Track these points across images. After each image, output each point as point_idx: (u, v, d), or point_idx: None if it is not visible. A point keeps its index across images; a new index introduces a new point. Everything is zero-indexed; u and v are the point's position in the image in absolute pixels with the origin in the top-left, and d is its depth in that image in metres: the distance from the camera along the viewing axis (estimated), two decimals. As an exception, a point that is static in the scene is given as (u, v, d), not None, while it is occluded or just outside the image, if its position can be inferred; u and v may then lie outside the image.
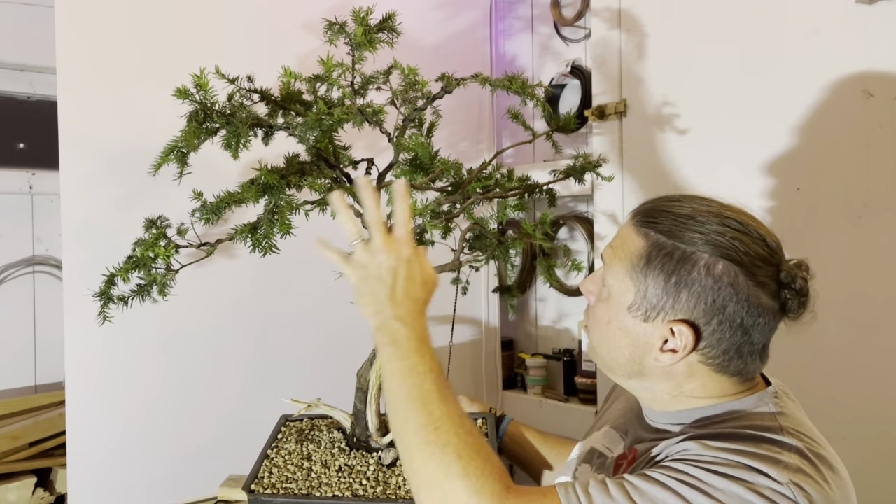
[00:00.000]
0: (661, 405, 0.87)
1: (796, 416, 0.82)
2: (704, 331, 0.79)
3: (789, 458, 0.72)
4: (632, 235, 0.84)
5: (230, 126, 1.01)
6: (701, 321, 0.79)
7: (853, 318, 1.31)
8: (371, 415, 1.19)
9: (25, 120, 2.26)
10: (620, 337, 0.84)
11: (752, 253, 0.78)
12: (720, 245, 0.78)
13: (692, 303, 0.78)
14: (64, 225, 1.45)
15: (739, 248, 0.77)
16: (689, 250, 0.78)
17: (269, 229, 1.02)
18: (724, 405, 0.83)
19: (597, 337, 0.88)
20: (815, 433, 0.80)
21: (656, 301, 0.80)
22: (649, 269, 0.80)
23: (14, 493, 1.98)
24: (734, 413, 0.81)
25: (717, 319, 0.78)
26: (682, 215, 0.81)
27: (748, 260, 0.78)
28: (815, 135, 1.35)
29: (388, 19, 1.10)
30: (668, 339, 0.80)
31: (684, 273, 0.78)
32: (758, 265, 0.78)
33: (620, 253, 0.84)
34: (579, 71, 2.05)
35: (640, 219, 0.84)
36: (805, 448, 0.74)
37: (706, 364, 0.81)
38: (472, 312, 2.16)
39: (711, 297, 0.77)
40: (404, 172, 1.32)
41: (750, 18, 1.46)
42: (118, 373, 1.50)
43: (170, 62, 1.53)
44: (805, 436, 0.77)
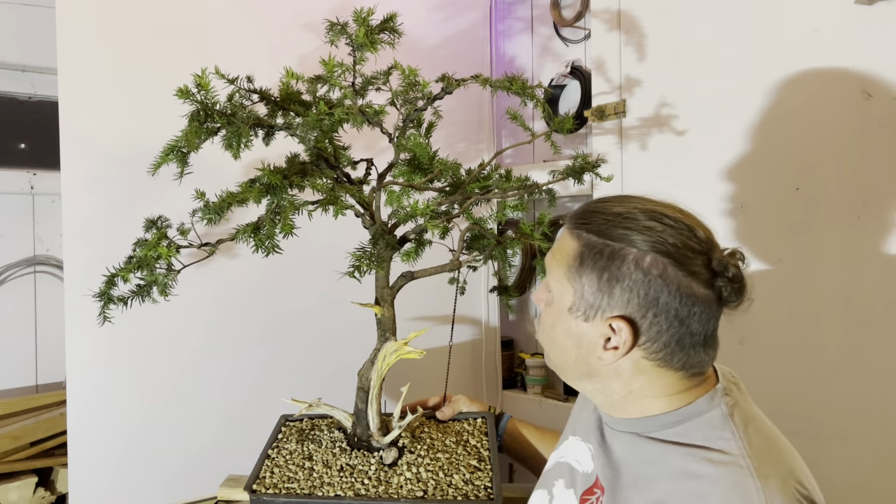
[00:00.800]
0: (617, 410, 0.88)
1: (747, 412, 0.83)
2: (641, 325, 0.80)
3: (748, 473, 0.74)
4: (566, 238, 0.86)
5: (231, 126, 1.01)
6: (637, 315, 0.80)
7: (853, 317, 1.31)
8: (372, 414, 1.20)
9: (26, 120, 2.27)
10: (565, 339, 0.86)
11: (680, 244, 0.79)
12: (648, 239, 0.79)
13: (625, 297, 0.79)
14: (65, 225, 1.45)
15: (667, 241, 0.79)
16: (618, 246, 0.80)
17: (272, 229, 1.02)
18: (677, 413, 0.83)
19: (546, 342, 0.91)
20: (766, 428, 0.82)
21: (593, 299, 0.82)
22: (583, 269, 0.82)
23: (15, 492, 1.98)
24: (685, 418, 0.82)
25: (652, 312, 0.79)
26: (611, 213, 0.83)
27: (676, 251, 0.78)
28: (815, 135, 1.36)
29: (390, 20, 1.11)
30: (610, 336, 0.82)
31: (615, 269, 0.80)
32: (687, 255, 0.79)
33: (558, 256, 0.86)
34: (579, 71, 2.05)
35: (573, 222, 0.86)
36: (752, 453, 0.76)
37: (649, 360, 0.82)
38: (471, 312, 2.16)
39: (643, 291, 0.79)
40: (403, 173, 1.32)
41: (749, 19, 1.46)
42: (119, 373, 1.51)
43: (171, 62, 1.53)
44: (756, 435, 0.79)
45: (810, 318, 1.37)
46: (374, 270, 1.17)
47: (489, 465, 1.15)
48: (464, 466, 1.14)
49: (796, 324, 1.39)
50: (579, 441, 0.97)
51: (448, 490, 1.09)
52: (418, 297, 1.58)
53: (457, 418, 1.31)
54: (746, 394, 0.88)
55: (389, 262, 1.20)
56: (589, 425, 0.95)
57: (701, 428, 0.81)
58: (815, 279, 1.37)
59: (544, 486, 0.99)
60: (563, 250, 0.86)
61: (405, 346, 1.17)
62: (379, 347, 1.20)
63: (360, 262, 1.05)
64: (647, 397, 0.84)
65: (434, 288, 1.50)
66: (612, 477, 0.85)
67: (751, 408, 0.85)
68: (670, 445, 0.81)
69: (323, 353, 1.77)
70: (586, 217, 0.85)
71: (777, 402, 1.43)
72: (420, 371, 1.43)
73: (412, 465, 1.14)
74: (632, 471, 0.83)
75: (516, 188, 1.24)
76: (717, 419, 0.81)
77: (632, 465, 0.84)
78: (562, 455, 0.99)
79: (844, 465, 1.30)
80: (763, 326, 1.44)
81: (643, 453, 0.83)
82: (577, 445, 0.97)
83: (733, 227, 1.49)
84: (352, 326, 1.67)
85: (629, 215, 0.82)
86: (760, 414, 0.85)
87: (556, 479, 0.97)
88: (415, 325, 1.46)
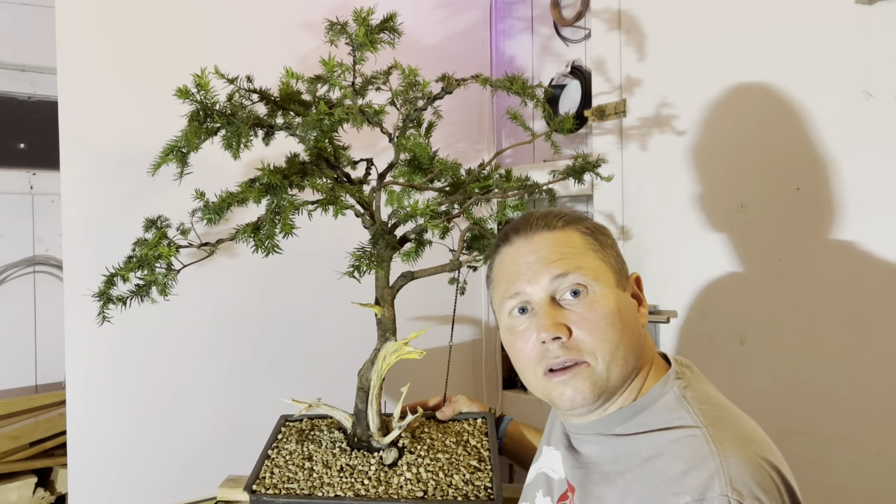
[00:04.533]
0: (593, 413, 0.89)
1: (702, 391, 0.86)
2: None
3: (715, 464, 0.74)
4: (563, 237, 0.89)
5: (231, 126, 1.01)
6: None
7: (853, 317, 1.31)
8: (372, 414, 1.19)
9: (26, 120, 2.27)
10: (628, 313, 0.87)
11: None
12: (582, 217, 0.94)
13: (622, 257, 0.92)
14: (64, 225, 1.45)
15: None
16: (590, 223, 0.93)
17: (272, 229, 1.02)
18: (633, 405, 0.86)
19: (615, 334, 0.83)
20: (721, 404, 0.85)
21: (619, 266, 0.90)
22: (602, 245, 0.90)
23: (15, 492, 1.98)
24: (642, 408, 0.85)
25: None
26: (556, 211, 0.93)
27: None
28: (815, 135, 1.36)
29: (390, 20, 1.10)
30: (636, 293, 0.90)
31: (607, 237, 0.92)
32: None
33: (577, 250, 0.88)
34: (579, 71, 2.05)
35: (545, 225, 0.90)
36: (706, 423, 0.78)
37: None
38: (472, 312, 2.16)
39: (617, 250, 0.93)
40: (403, 173, 1.32)
41: (749, 18, 1.46)
42: (118, 373, 1.51)
43: (170, 62, 1.53)
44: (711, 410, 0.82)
45: (810, 318, 1.37)
46: (374, 270, 1.16)
47: (489, 466, 1.15)
48: (464, 467, 1.14)
49: (796, 324, 1.39)
50: (552, 450, 0.98)
51: (448, 490, 1.08)
52: (418, 297, 1.58)
53: (457, 418, 1.31)
54: (700, 375, 0.91)
55: (389, 262, 1.20)
56: (559, 434, 0.96)
57: (658, 413, 0.83)
58: (815, 279, 1.36)
59: (527, 498, 0.99)
60: (575, 243, 0.88)
61: (405, 347, 1.17)
62: (379, 347, 1.20)
63: (359, 262, 1.05)
64: (640, 378, 0.88)
65: (434, 288, 1.49)
66: (582, 476, 0.86)
67: (705, 387, 0.88)
68: (634, 437, 0.83)
69: (323, 353, 1.77)
70: (549, 217, 0.91)
71: (778, 403, 1.43)
72: (420, 371, 1.43)
73: (412, 466, 1.14)
74: (601, 468, 0.84)
75: (516, 188, 1.24)
76: (672, 401, 0.83)
77: (600, 464, 0.85)
78: (540, 467, 1.00)
79: (845, 465, 1.30)
80: (763, 327, 1.44)
81: (610, 451, 0.85)
82: (551, 455, 0.98)
83: (733, 227, 1.49)
84: (352, 326, 1.66)
85: (557, 210, 0.94)
86: (716, 392, 0.88)
87: (536, 490, 0.97)
88: (415, 325, 1.45)
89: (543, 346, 0.85)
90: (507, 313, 0.90)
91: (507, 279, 0.90)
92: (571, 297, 0.85)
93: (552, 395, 0.87)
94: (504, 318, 0.91)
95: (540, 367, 0.86)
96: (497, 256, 0.94)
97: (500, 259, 0.93)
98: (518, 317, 0.89)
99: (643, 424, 0.83)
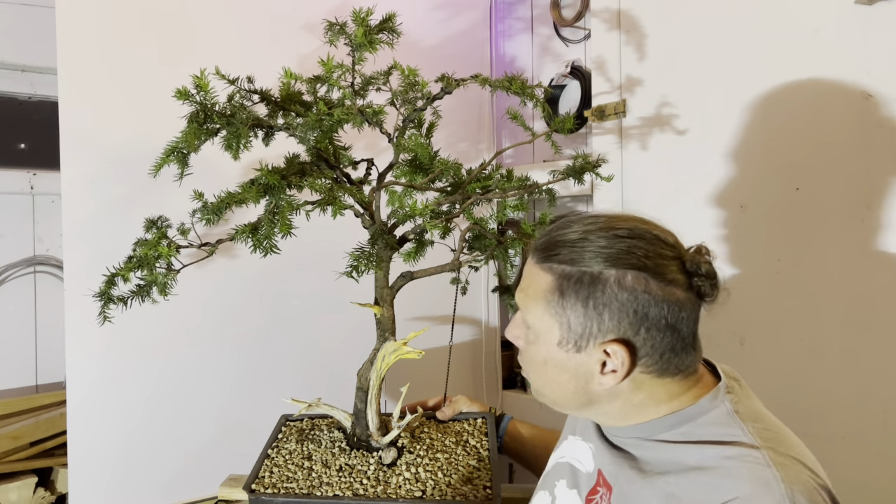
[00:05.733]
0: (618, 421, 0.87)
1: (751, 407, 0.83)
2: (636, 342, 0.79)
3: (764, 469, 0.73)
4: (537, 274, 0.84)
5: (230, 127, 1.01)
6: (630, 334, 0.79)
7: (853, 317, 1.31)
8: (371, 414, 1.20)
9: (26, 120, 2.27)
10: (560, 373, 0.84)
11: (654, 254, 0.78)
12: (620, 257, 0.78)
13: (615, 320, 0.78)
14: (65, 225, 1.45)
15: (640, 255, 0.78)
16: (596, 271, 0.78)
17: (270, 229, 1.02)
18: (679, 414, 0.83)
19: (538, 379, 0.88)
20: (772, 422, 0.82)
21: (582, 329, 0.80)
22: (565, 301, 0.80)
23: (15, 492, 1.98)
24: (690, 417, 0.82)
25: (644, 328, 0.78)
26: (575, 240, 0.81)
27: (652, 263, 0.78)
28: (815, 135, 1.36)
29: (388, 20, 1.11)
30: (606, 360, 0.80)
31: (599, 294, 0.78)
32: (662, 264, 0.78)
33: (532, 293, 0.84)
34: (579, 71, 2.05)
35: (539, 256, 0.84)
36: (764, 445, 0.76)
37: (647, 373, 0.81)
38: (472, 312, 2.16)
39: (632, 309, 0.78)
40: (404, 173, 1.32)
41: (749, 19, 1.46)
42: (119, 372, 1.51)
43: (171, 62, 1.53)
44: (765, 430, 0.79)
45: (811, 318, 1.37)
46: (374, 271, 1.16)
47: (488, 466, 1.15)
48: (463, 467, 1.14)
49: (797, 324, 1.39)
50: (579, 441, 0.96)
51: (447, 490, 1.08)
52: (418, 297, 1.58)
53: (457, 418, 1.31)
54: (748, 389, 0.88)
55: (389, 262, 1.20)
56: (588, 426, 0.95)
57: (707, 425, 0.81)
58: (815, 279, 1.36)
59: (545, 487, 0.99)
60: (536, 286, 0.83)
61: (404, 346, 1.17)
62: (378, 347, 1.20)
63: (358, 262, 1.05)
64: (650, 406, 0.84)
65: (434, 288, 1.50)
66: (621, 476, 0.85)
67: (754, 403, 0.85)
68: (679, 444, 0.81)
69: (323, 353, 1.77)
70: (551, 248, 0.83)
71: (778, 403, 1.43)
72: (420, 371, 1.43)
73: (411, 466, 1.14)
74: (643, 467, 0.83)
75: (516, 188, 1.24)
76: (723, 416, 0.81)
77: (642, 463, 0.83)
78: (561, 455, 0.99)
79: (845, 465, 1.30)
80: (764, 327, 1.44)
81: (651, 454, 0.83)
82: (577, 445, 0.96)
83: (733, 227, 1.49)
84: (352, 326, 1.67)
85: (593, 238, 0.80)
86: (764, 409, 0.85)
87: (556, 479, 0.97)
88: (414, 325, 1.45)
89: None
90: None
91: None
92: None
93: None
94: None
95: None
96: None
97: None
98: None
99: (690, 434, 0.81)
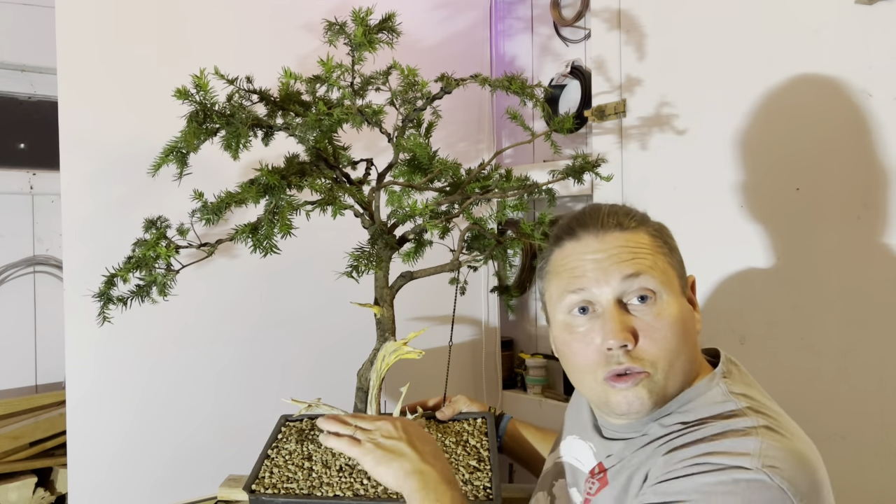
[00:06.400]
0: (669, 398, 0.87)
1: (746, 387, 0.85)
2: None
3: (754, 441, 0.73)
4: (633, 238, 0.85)
5: (230, 126, 1.01)
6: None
7: (853, 317, 1.31)
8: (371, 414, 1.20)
9: (26, 120, 2.27)
10: (687, 321, 0.85)
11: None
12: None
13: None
14: (64, 225, 1.45)
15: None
16: (658, 222, 0.91)
17: (270, 230, 1.02)
18: (678, 398, 0.84)
19: (676, 342, 0.83)
20: (767, 405, 0.83)
21: (681, 269, 0.88)
22: (668, 247, 0.88)
23: (15, 492, 1.98)
24: (686, 400, 0.84)
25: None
26: (628, 209, 0.91)
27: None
28: (815, 135, 1.35)
29: (388, 20, 1.11)
30: (692, 298, 0.89)
31: (672, 239, 0.91)
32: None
33: (643, 253, 0.84)
34: (579, 71, 2.05)
35: (616, 227, 0.87)
36: (766, 422, 0.77)
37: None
38: (471, 312, 2.16)
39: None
40: (403, 173, 1.32)
41: (749, 18, 1.46)
42: (118, 373, 1.51)
43: (170, 62, 1.53)
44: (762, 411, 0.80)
45: (810, 318, 1.37)
46: (373, 270, 1.16)
47: (488, 466, 1.15)
48: (463, 467, 1.14)
49: (796, 324, 1.39)
50: (578, 440, 0.96)
51: (447, 490, 1.08)
52: (418, 297, 1.58)
53: (457, 418, 1.30)
54: (747, 374, 0.89)
55: (388, 262, 1.20)
56: (586, 425, 0.95)
57: (704, 406, 0.82)
58: (815, 279, 1.36)
59: (544, 487, 0.99)
60: (645, 245, 0.85)
61: (404, 347, 1.17)
62: (378, 347, 1.20)
63: (357, 262, 1.05)
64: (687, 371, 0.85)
65: (434, 288, 1.49)
66: (629, 456, 0.85)
67: (750, 387, 0.86)
68: (676, 424, 0.82)
69: (323, 353, 1.77)
70: (622, 216, 0.88)
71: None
72: (420, 371, 1.43)
73: (411, 466, 1.14)
74: (649, 442, 0.83)
75: (516, 188, 1.24)
76: (719, 395, 0.83)
77: (648, 439, 0.84)
78: (560, 455, 0.99)
79: (844, 464, 1.30)
80: (763, 326, 1.44)
81: (657, 428, 0.84)
82: (576, 444, 0.96)
83: (733, 227, 1.49)
84: (352, 326, 1.66)
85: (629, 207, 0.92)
86: (763, 392, 0.87)
87: (554, 479, 0.97)
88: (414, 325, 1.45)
89: (609, 353, 0.82)
90: (567, 311, 0.87)
91: (570, 274, 0.86)
92: (639, 301, 0.83)
93: (609, 400, 0.84)
94: (560, 315, 0.88)
95: (601, 372, 0.83)
96: (559, 249, 0.90)
97: (562, 252, 0.89)
98: (578, 316, 0.86)
99: (687, 413, 0.83)
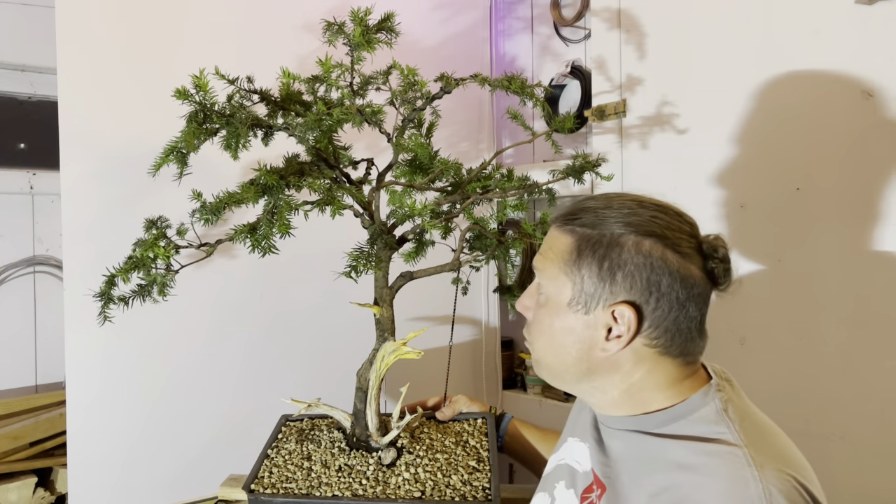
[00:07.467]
0: (613, 408, 0.87)
1: (741, 407, 0.83)
2: (645, 309, 0.80)
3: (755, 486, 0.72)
4: (558, 237, 0.86)
5: (230, 127, 1.01)
6: (640, 300, 0.80)
7: (853, 317, 1.31)
8: (371, 414, 1.20)
9: (26, 120, 2.27)
10: (565, 336, 0.85)
11: (674, 227, 0.81)
12: (642, 224, 0.80)
13: (628, 283, 0.80)
14: (64, 225, 1.45)
15: (661, 224, 0.80)
16: (616, 233, 0.81)
17: (269, 230, 1.02)
18: (672, 410, 0.83)
19: (542, 345, 0.89)
20: (760, 421, 0.82)
21: (593, 289, 0.82)
22: (581, 261, 0.82)
23: (15, 492, 1.98)
24: (681, 415, 0.82)
25: (655, 296, 0.79)
26: (600, 207, 0.84)
27: (671, 234, 0.80)
28: (815, 135, 1.35)
29: (387, 19, 1.10)
30: (612, 326, 0.81)
31: (615, 256, 0.80)
32: (680, 238, 0.80)
33: (550, 255, 0.86)
34: (579, 71, 2.05)
35: (562, 220, 0.87)
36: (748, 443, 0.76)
37: (651, 346, 0.82)
38: (472, 312, 2.16)
39: (645, 274, 0.79)
40: (404, 173, 1.32)
41: (749, 18, 1.46)
42: (119, 373, 1.51)
43: (170, 62, 1.53)
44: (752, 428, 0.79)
45: (810, 318, 1.37)
46: (373, 270, 1.16)
47: (488, 466, 1.15)
48: (462, 467, 1.14)
49: (796, 324, 1.39)
50: (578, 441, 0.97)
51: (446, 491, 1.08)
52: (418, 298, 1.58)
53: (457, 419, 1.30)
54: (739, 389, 0.88)
55: (388, 262, 1.20)
56: (586, 425, 0.95)
57: (697, 423, 0.81)
58: (815, 279, 1.36)
59: (545, 489, 0.99)
60: (555, 248, 0.86)
61: (403, 347, 1.17)
62: (377, 348, 1.20)
63: (357, 262, 1.05)
64: (646, 390, 0.84)
65: (434, 288, 1.50)
66: (612, 475, 0.85)
67: (744, 402, 0.85)
68: (668, 439, 0.81)
69: (323, 353, 1.77)
70: (575, 214, 0.85)
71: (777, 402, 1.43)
72: (420, 371, 1.43)
73: (410, 466, 1.14)
74: (631, 466, 0.83)
75: (516, 188, 1.24)
76: (712, 414, 0.81)
77: (631, 461, 0.84)
78: (561, 457, 0.99)
79: (843, 464, 1.30)
80: (763, 327, 1.44)
81: (642, 450, 0.83)
82: (576, 446, 0.97)
83: (733, 227, 1.49)
84: (352, 326, 1.67)
85: (618, 206, 0.83)
86: (755, 408, 0.86)
87: (556, 481, 0.97)
88: (414, 325, 1.45)
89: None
90: None
91: None
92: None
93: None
94: None
95: None
96: None
97: None
98: None
99: (679, 430, 0.82)
